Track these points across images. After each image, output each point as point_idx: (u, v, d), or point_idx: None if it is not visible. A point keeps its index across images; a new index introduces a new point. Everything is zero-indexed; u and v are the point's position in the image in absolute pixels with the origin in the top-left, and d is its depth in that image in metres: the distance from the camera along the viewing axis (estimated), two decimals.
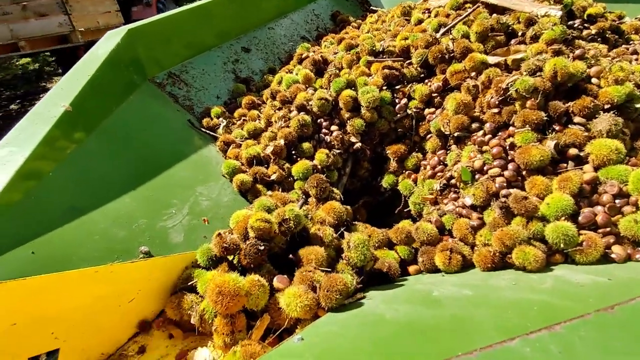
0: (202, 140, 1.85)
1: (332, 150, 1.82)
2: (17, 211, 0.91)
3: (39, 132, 1.10)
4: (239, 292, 0.97)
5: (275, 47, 2.66)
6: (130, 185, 1.26)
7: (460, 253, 1.21)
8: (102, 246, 0.98)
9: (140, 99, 1.78)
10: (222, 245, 1.12)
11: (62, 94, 1.29)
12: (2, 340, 0.77)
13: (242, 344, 0.96)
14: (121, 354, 1.02)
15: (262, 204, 1.36)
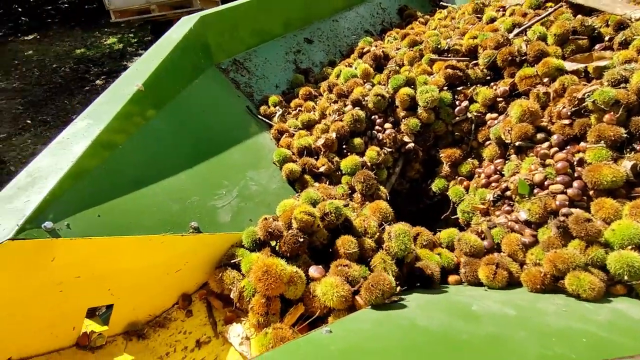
0: (257, 127, 1.92)
1: (383, 149, 1.79)
2: (91, 177, 1.02)
3: (114, 108, 1.21)
4: (282, 278, 1.00)
5: (338, 40, 2.66)
6: (188, 163, 1.35)
7: (506, 269, 1.14)
8: (157, 217, 1.07)
9: (205, 82, 1.88)
10: (266, 230, 1.16)
11: (136, 74, 1.40)
12: (67, 291, 0.87)
13: (274, 326, 1.00)
14: (165, 317, 1.11)
15: (308, 197, 1.39)
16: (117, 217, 0.98)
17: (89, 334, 0.96)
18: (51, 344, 0.90)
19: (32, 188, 0.88)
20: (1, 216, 0.80)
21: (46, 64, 7.65)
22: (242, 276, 1.13)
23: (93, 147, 1.05)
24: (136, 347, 1.00)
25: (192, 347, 1.03)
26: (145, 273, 1.03)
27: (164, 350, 1.01)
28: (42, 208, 0.84)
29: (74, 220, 0.88)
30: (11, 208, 0.82)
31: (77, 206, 0.92)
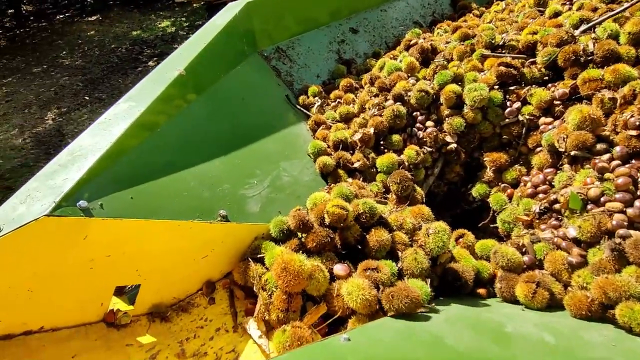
0: (295, 117, 1.89)
1: (422, 148, 1.71)
2: (127, 159, 1.04)
3: (155, 90, 1.22)
4: (302, 274, 0.98)
5: (384, 31, 2.56)
6: (222, 150, 1.35)
7: (548, 289, 1.04)
8: (188, 203, 1.08)
9: (246, 69, 1.88)
10: (298, 220, 1.15)
11: (179, 58, 1.42)
12: (97, 268, 0.90)
13: (292, 324, 0.98)
14: (189, 302, 1.13)
15: (340, 191, 1.36)
16: (148, 200, 1.00)
17: (115, 311, 0.99)
18: (80, 317, 0.94)
19: (72, 166, 0.91)
20: (41, 192, 0.84)
21: (105, 44, 8.09)
22: (265, 269, 1.12)
23: (132, 129, 1.07)
24: (159, 328, 1.03)
25: (212, 335, 1.04)
26: (172, 257, 1.05)
27: (185, 335, 1.03)
28: (78, 187, 0.87)
29: (107, 201, 0.90)
30: (51, 185, 0.86)
31: (111, 187, 0.94)
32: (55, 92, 6.50)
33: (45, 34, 8.87)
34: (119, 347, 0.93)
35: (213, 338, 1.03)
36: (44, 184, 0.86)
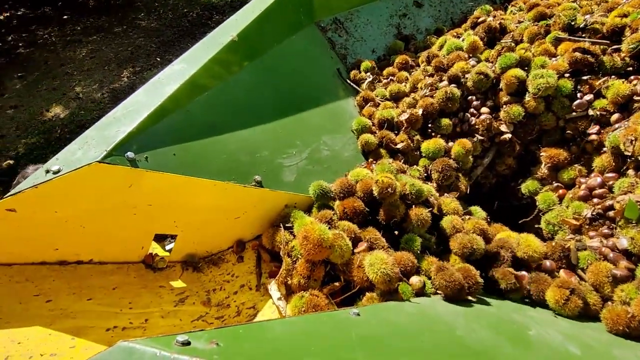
0: (343, 92, 1.87)
1: (473, 136, 1.61)
2: (175, 117, 1.11)
3: (207, 54, 1.27)
4: (323, 243, 1.00)
5: (452, 6, 2.39)
6: (266, 117, 1.38)
7: (583, 299, 0.97)
8: (226, 165, 1.13)
9: (301, 40, 1.87)
10: (343, 186, 1.19)
11: (234, 24, 1.45)
12: (139, 215, 0.99)
13: (311, 292, 1.02)
14: (220, 257, 1.21)
15: (384, 168, 1.35)
16: (190, 158, 1.06)
17: (153, 255, 1.09)
18: (123, 256, 1.06)
19: (124, 120, 0.99)
20: (96, 140, 0.93)
21: (178, 8, 8.44)
22: (293, 237, 1.16)
23: (182, 90, 1.13)
24: (190, 277, 1.12)
25: (236, 290, 1.11)
26: (207, 213, 1.12)
27: (212, 286, 1.11)
28: (128, 139, 0.94)
29: (152, 155, 0.98)
30: (105, 135, 0.94)
31: (157, 142, 1.01)
32: (132, 52, 6.98)
33: None
34: (153, 286, 1.03)
35: (237, 293, 1.10)
36: (99, 133, 0.95)
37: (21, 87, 6.31)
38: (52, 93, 6.04)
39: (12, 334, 0.77)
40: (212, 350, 0.55)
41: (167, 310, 0.97)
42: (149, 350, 0.51)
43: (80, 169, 0.85)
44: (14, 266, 0.90)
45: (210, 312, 1.03)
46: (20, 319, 0.80)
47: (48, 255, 0.95)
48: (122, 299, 0.95)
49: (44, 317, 0.82)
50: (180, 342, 0.55)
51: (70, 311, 0.86)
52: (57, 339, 0.79)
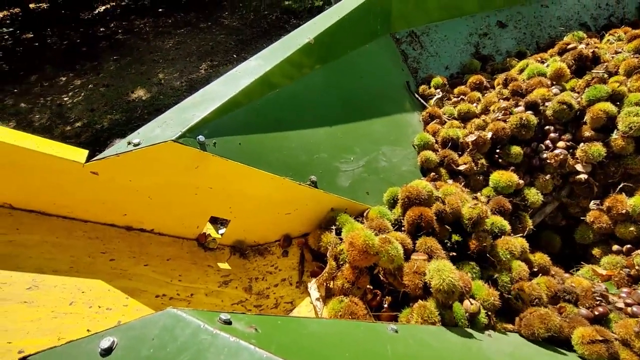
0: (410, 105, 1.84)
1: (544, 172, 1.49)
2: (245, 109, 1.16)
3: (283, 54, 1.32)
4: (369, 250, 0.99)
5: (539, 29, 2.25)
6: (329, 121, 1.40)
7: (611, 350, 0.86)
8: (284, 161, 1.16)
9: (374, 49, 1.88)
10: (408, 194, 1.18)
11: (312, 27, 1.49)
12: (200, 195, 1.05)
13: (351, 299, 1.01)
14: (266, 248, 1.24)
15: (448, 191, 1.31)
16: (253, 149, 1.11)
17: (207, 235, 1.15)
18: (180, 231, 1.12)
19: (200, 106, 1.06)
20: (173, 121, 1.00)
21: (260, 10, 8.89)
22: (340, 241, 1.16)
23: (254, 85, 1.19)
24: (236, 262, 1.16)
25: (277, 283, 1.13)
26: (260, 205, 1.16)
27: (255, 275, 1.14)
28: (201, 124, 1.01)
29: (220, 141, 1.03)
30: (182, 117, 1.02)
31: (226, 130, 1.07)
32: (212, 47, 7.46)
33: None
34: (202, 264, 1.09)
35: (277, 285, 1.12)
36: (177, 115, 1.03)
37: (114, 68, 7.02)
38: (138, 77, 6.64)
39: (78, 283, 0.85)
40: (250, 334, 0.56)
41: (211, 289, 1.02)
42: (194, 322, 0.54)
43: (157, 145, 0.93)
44: (89, 223, 1.00)
45: (250, 299, 1.06)
46: (87, 270, 0.88)
47: (117, 219, 1.04)
48: (173, 271, 1.01)
49: (106, 274, 0.90)
50: (223, 320, 0.57)
51: (129, 272, 0.94)
52: (114, 295, 0.86)
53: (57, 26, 8.95)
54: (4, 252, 0.81)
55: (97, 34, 8.46)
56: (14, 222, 0.89)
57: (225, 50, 7.32)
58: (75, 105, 6.06)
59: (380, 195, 1.37)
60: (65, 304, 0.79)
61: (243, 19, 8.59)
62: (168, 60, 7.22)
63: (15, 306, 0.73)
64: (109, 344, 0.52)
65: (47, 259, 0.85)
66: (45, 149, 0.89)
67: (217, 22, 8.59)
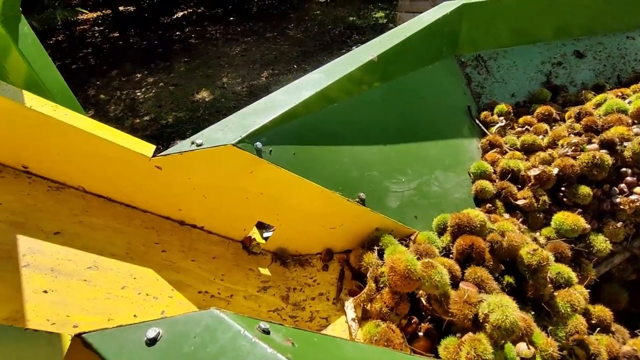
0: (469, 131, 1.77)
1: (615, 221, 1.35)
2: (303, 120, 1.18)
3: (345, 69, 1.34)
4: (410, 275, 0.95)
5: (622, 62, 2.08)
6: (383, 139, 1.39)
7: None
8: (336, 175, 1.16)
9: (437, 70, 1.84)
10: (458, 221, 1.14)
11: (376, 45, 1.50)
12: (250, 200, 1.08)
13: (388, 325, 0.97)
14: (307, 260, 1.24)
15: (505, 227, 1.24)
16: (306, 160, 1.12)
17: (252, 239, 1.18)
18: (227, 232, 1.16)
19: (261, 113, 1.10)
20: (235, 126, 1.04)
21: (324, 24, 9.13)
22: (382, 262, 1.13)
23: (314, 97, 1.21)
24: (276, 269, 1.17)
25: (314, 296, 1.12)
26: (307, 216, 1.17)
27: (293, 285, 1.14)
28: (260, 131, 1.04)
29: (276, 149, 1.06)
30: (243, 122, 1.06)
31: (283, 139, 1.09)
32: (275, 56, 7.76)
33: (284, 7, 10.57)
34: (244, 266, 1.11)
35: (314, 299, 1.11)
36: (239, 120, 1.07)
37: (184, 70, 7.54)
38: (204, 79, 7.06)
39: (131, 269, 0.90)
40: (287, 348, 0.56)
41: (250, 293, 1.03)
42: (234, 326, 0.55)
43: (218, 147, 0.97)
44: (147, 214, 1.06)
45: (286, 308, 1.06)
46: (140, 258, 0.94)
47: (173, 213, 1.10)
48: (217, 269, 1.04)
49: (157, 264, 0.95)
50: (262, 328, 0.57)
51: (177, 265, 0.98)
52: (161, 285, 0.91)
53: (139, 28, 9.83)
54: (74, 231, 0.89)
55: (172, 37, 9.16)
56: (85, 205, 0.97)
57: (287, 60, 7.58)
58: (146, 101, 6.56)
59: (429, 220, 1.32)
60: (118, 287, 0.84)
61: (307, 31, 8.86)
62: (233, 65, 7.61)
63: (77, 283, 0.79)
64: (154, 334, 0.54)
65: (107, 243, 0.92)
66: (119, 141, 0.96)
67: (282, 32, 8.95)
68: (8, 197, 0.87)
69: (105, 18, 10.64)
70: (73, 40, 9.27)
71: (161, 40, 9.01)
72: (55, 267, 0.80)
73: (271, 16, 9.99)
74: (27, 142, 0.94)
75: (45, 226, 0.87)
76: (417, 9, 7.16)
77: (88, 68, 7.86)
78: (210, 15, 10.48)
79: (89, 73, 7.65)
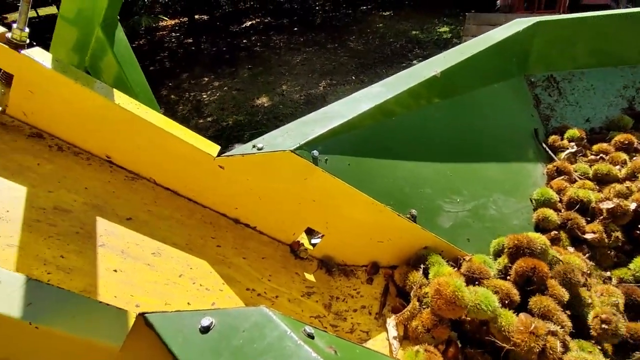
0: (534, 155, 1.67)
1: None
2: (360, 132, 1.19)
3: (407, 84, 1.33)
4: (457, 302, 0.92)
5: None
6: (439, 156, 1.36)
7: None
8: (388, 189, 1.15)
9: (503, 89, 1.77)
10: (517, 243, 1.09)
11: (441, 61, 1.47)
12: (302, 205, 1.11)
13: (432, 350, 0.94)
14: (352, 270, 1.24)
15: (575, 262, 1.15)
16: (360, 171, 1.13)
17: (300, 244, 1.20)
18: (277, 234, 1.20)
19: (320, 122, 1.13)
20: (294, 133, 1.08)
21: (385, 37, 9.12)
22: (427, 282, 1.10)
23: (373, 110, 1.22)
24: (321, 276, 1.19)
25: (356, 308, 1.12)
26: (356, 227, 1.17)
27: (337, 294, 1.15)
28: (317, 139, 1.07)
29: (331, 158, 1.08)
30: (302, 130, 1.09)
31: (338, 149, 1.11)
32: (334, 67, 7.89)
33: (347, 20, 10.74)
34: (290, 270, 1.14)
35: (356, 311, 1.11)
36: (299, 128, 1.11)
37: (247, 76, 7.92)
38: (265, 86, 7.37)
39: (188, 259, 0.96)
40: (329, 355, 0.56)
41: (294, 297, 1.06)
42: (281, 326, 0.57)
43: (277, 152, 1.01)
44: (206, 209, 1.13)
45: (327, 316, 1.07)
46: (197, 250, 1.00)
47: (229, 211, 1.16)
48: (265, 269, 1.08)
49: (211, 257, 1.01)
50: (307, 332, 0.59)
51: (229, 261, 1.03)
52: (213, 278, 0.96)
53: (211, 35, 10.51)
54: (143, 219, 0.97)
55: (239, 45, 9.69)
56: (154, 195, 1.06)
57: (346, 71, 7.67)
58: (210, 103, 6.99)
59: (482, 244, 1.26)
60: (176, 275, 0.91)
61: (368, 43, 8.91)
62: (293, 74, 7.86)
63: (141, 266, 0.87)
64: (208, 323, 0.58)
65: (170, 233, 0.99)
66: (189, 139, 1.04)
67: (343, 44, 9.09)
68: (93, 183, 0.98)
69: (182, 25, 11.53)
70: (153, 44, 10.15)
71: (229, 47, 9.58)
72: (125, 250, 0.88)
73: (333, 28, 10.20)
74: (112, 135, 1.05)
75: (119, 211, 0.96)
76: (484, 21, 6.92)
77: (163, 70, 8.55)
78: (275, 25, 10.94)
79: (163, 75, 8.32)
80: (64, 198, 0.91)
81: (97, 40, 1.45)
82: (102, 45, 1.48)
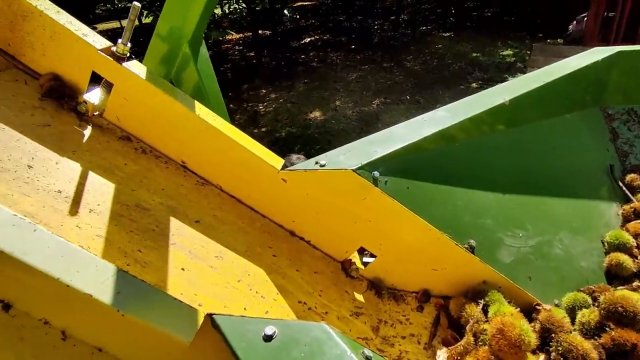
0: (608, 193, 1.55)
1: None
2: (421, 156, 1.19)
3: (472, 110, 1.31)
4: (522, 346, 0.87)
5: None
6: (503, 187, 1.30)
7: None
8: (447, 216, 1.13)
9: (576, 120, 1.67)
10: (617, 307, 0.96)
11: (510, 88, 1.43)
12: (358, 225, 1.12)
13: None
14: (402, 295, 1.22)
15: None
16: (418, 196, 1.12)
17: (352, 262, 1.21)
18: (330, 250, 1.21)
19: (383, 144, 1.14)
20: (357, 152, 1.10)
21: (444, 58, 8.98)
22: (485, 318, 1.05)
23: (436, 135, 1.21)
24: (370, 298, 1.18)
25: (405, 335, 1.10)
26: (410, 251, 1.15)
27: (385, 318, 1.13)
28: (379, 161, 1.08)
29: (391, 181, 1.08)
30: (365, 150, 1.11)
31: (399, 172, 1.11)
32: (389, 85, 7.89)
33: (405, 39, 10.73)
34: (341, 287, 1.14)
35: (405, 338, 1.08)
36: (362, 147, 1.13)
37: (303, 90, 8.15)
38: (319, 100, 7.53)
39: (246, 266, 1.01)
40: None
41: (342, 315, 1.06)
42: (342, 345, 0.58)
43: (339, 170, 1.04)
44: (266, 219, 1.18)
45: (374, 340, 1.05)
46: (255, 258, 1.04)
47: (286, 223, 1.19)
48: (317, 284, 1.09)
49: (267, 266, 1.04)
50: (365, 355, 0.59)
51: (283, 271, 1.06)
52: (268, 287, 0.99)
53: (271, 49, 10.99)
54: (209, 223, 1.04)
55: (297, 60, 10.02)
56: (220, 201, 1.12)
57: (401, 91, 7.63)
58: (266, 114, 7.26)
59: (545, 285, 1.18)
60: (235, 279, 0.95)
61: (425, 64, 8.82)
62: (347, 90, 7.97)
63: (205, 267, 0.92)
64: (271, 332, 0.60)
65: (232, 238, 1.04)
66: (257, 151, 1.10)
67: (399, 63, 9.07)
68: (169, 185, 1.07)
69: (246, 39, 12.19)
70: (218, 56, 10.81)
71: (288, 61, 9.94)
72: (192, 250, 0.94)
73: (391, 47, 10.23)
74: (189, 142, 1.14)
75: (190, 213, 1.03)
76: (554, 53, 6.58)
77: (225, 80, 9.06)
78: (333, 42, 11.20)
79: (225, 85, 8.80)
80: (144, 197, 0.99)
81: (184, 55, 1.60)
82: (187, 60, 1.62)
